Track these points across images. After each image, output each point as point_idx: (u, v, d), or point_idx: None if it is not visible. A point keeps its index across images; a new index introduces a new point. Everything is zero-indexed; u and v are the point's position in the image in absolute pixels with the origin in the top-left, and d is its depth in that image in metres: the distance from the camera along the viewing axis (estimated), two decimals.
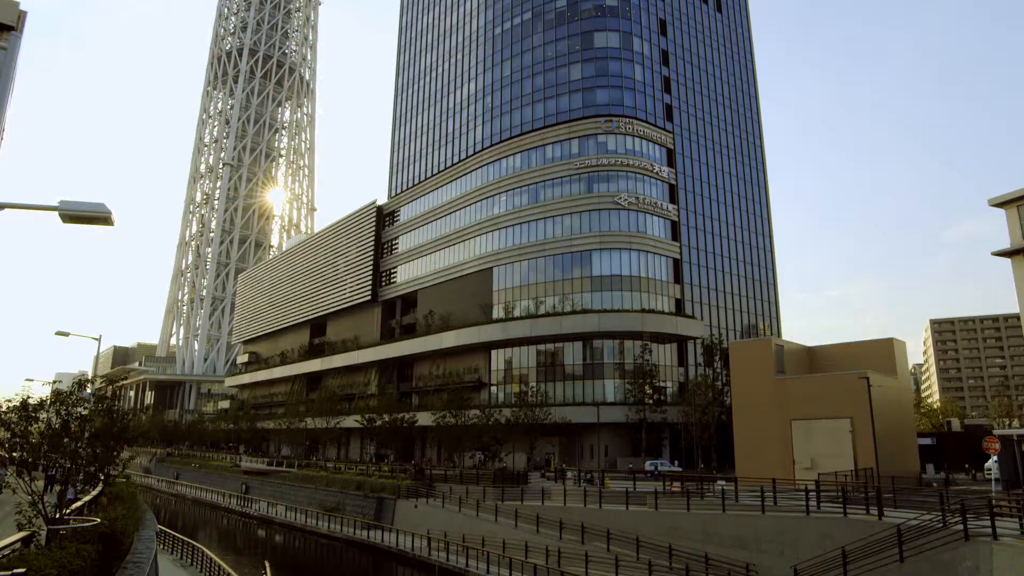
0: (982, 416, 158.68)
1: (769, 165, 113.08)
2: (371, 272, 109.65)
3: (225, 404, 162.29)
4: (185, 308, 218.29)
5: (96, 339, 45.27)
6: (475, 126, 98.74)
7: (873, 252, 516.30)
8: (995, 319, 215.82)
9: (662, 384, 77.00)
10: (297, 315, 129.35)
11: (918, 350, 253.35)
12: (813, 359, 62.18)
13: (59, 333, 40.15)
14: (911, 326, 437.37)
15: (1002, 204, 41.56)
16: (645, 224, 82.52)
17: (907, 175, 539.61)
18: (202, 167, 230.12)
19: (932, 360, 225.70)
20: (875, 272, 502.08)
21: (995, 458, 41.46)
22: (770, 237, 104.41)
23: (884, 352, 58.66)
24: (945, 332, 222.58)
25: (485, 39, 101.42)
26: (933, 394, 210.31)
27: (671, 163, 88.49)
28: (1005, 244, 41.52)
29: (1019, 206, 40.84)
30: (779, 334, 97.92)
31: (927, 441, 69.17)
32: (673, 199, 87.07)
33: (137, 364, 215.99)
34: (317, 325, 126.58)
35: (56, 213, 12.41)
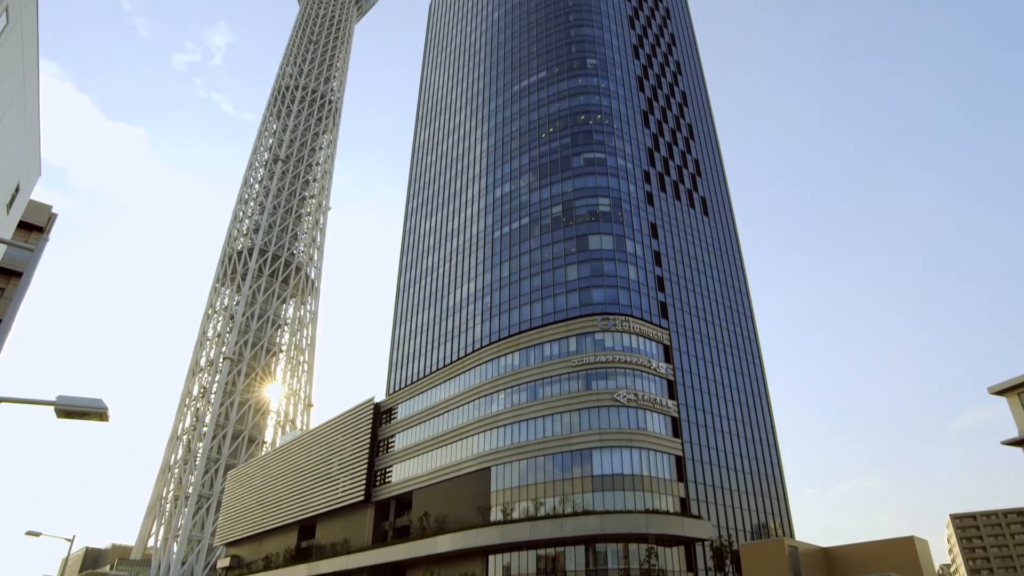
0: None
1: (765, 357, 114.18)
2: (365, 471, 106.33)
3: None
4: (168, 506, 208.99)
5: (69, 540, 42.95)
6: (474, 324, 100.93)
7: (879, 443, 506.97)
8: (1020, 512, 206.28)
9: None
10: (285, 515, 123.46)
11: (942, 548, 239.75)
12: (830, 561, 58.59)
13: (30, 533, 38.22)
14: (929, 520, 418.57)
15: (1002, 392, 41.51)
16: (645, 421, 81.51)
17: (905, 363, 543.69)
18: (202, 361, 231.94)
19: (960, 560, 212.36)
20: (884, 464, 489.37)
21: None
22: (773, 431, 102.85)
23: (906, 551, 55.46)
24: (969, 528, 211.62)
25: (485, 242, 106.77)
26: None
27: (668, 359, 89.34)
28: (1012, 432, 40.83)
29: (1019, 393, 40.73)
30: (791, 533, 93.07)
31: None
32: (672, 395, 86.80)
33: (108, 568, 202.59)
34: (306, 527, 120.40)
35: (48, 407, 12.32)
